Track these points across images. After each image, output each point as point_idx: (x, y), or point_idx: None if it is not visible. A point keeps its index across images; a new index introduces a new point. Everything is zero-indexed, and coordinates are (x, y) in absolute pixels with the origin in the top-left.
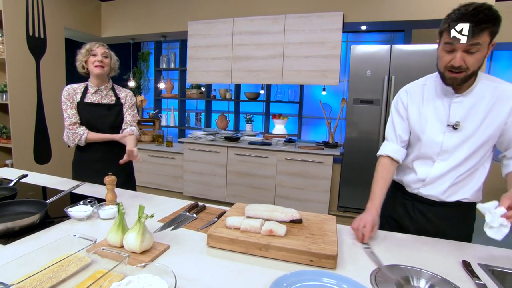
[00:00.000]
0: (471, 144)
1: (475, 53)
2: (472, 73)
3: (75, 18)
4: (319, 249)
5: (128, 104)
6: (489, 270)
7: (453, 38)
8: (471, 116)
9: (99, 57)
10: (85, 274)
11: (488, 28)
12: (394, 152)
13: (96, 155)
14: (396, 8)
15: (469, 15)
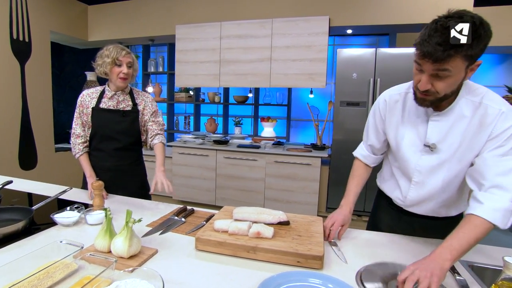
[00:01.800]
0: (447, 169)
1: (445, 78)
2: (445, 96)
3: (61, 22)
4: (305, 250)
5: (149, 112)
6: (469, 266)
7: (419, 59)
8: (449, 138)
9: (124, 69)
10: (72, 281)
11: (460, 53)
12: (364, 158)
13: (108, 163)
14: (381, 12)
15: (438, 36)
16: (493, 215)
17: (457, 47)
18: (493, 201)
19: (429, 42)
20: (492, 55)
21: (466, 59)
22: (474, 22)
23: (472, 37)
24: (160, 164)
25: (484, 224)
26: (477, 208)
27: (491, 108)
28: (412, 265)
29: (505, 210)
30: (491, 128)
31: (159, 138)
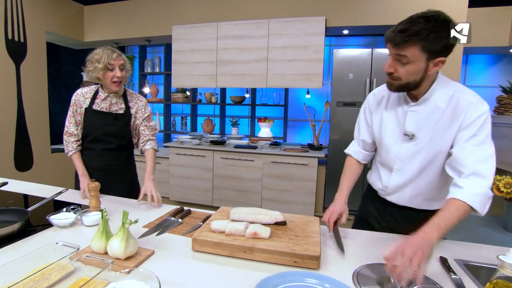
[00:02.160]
0: (423, 156)
1: (406, 65)
2: (408, 84)
3: (57, 22)
4: (302, 250)
5: (142, 116)
6: (464, 265)
7: (385, 43)
8: (425, 127)
9: (118, 73)
10: (68, 282)
11: (413, 42)
12: (355, 154)
13: (98, 163)
14: (377, 13)
15: (400, 24)
16: (472, 199)
17: (413, 35)
18: (472, 186)
19: (394, 29)
20: (486, 55)
21: (423, 50)
22: (435, 19)
23: (429, 31)
24: (150, 173)
25: (464, 207)
26: (458, 192)
27: (462, 99)
28: (400, 243)
29: (483, 195)
30: (462, 118)
31: (151, 144)
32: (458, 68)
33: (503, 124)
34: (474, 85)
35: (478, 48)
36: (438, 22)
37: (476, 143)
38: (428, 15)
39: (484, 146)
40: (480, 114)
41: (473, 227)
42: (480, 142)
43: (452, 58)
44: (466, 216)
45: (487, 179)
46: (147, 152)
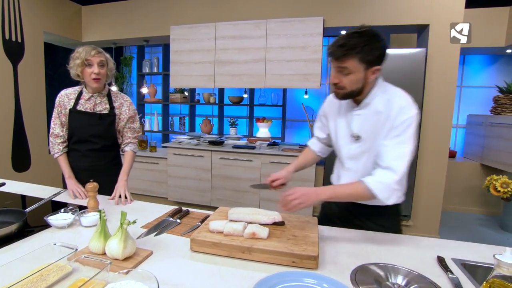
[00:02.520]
0: (369, 155)
1: (348, 75)
2: (352, 91)
3: (55, 22)
4: (300, 250)
5: (126, 117)
6: (461, 264)
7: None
8: (368, 129)
9: (95, 69)
10: (66, 283)
11: (354, 56)
12: (312, 145)
13: (83, 163)
14: (374, 13)
15: (340, 40)
16: (375, 186)
17: (351, 49)
18: (381, 176)
19: (334, 44)
20: (483, 56)
21: (361, 61)
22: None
23: (364, 44)
24: (124, 173)
25: (366, 190)
26: (368, 178)
27: (395, 103)
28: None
29: (387, 186)
30: (392, 120)
31: (131, 147)
32: (455, 68)
33: (500, 124)
34: (471, 85)
35: (475, 48)
36: (369, 36)
37: (397, 142)
38: (361, 31)
39: (403, 145)
40: (406, 118)
41: (471, 227)
42: (400, 142)
43: (450, 58)
44: (362, 196)
45: (397, 174)
46: (126, 153)
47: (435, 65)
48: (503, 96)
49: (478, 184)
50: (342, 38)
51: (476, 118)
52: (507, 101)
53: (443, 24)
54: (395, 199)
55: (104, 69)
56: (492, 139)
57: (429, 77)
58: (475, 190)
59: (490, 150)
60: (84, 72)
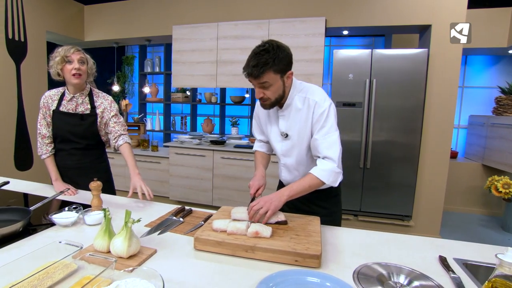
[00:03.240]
0: (298, 150)
1: (269, 87)
2: (277, 99)
3: (57, 22)
4: (303, 249)
5: (108, 115)
6: (463, 264)
7: (247, 77)
8: (293, 127)
9: (75, 65)
10: (71, 281)
11: (268, 69)
12: (259, 147)
13: (69, 162)
14: (376, 13)
15: (251, 59)
16: (320, 174)
17: (264, 65)
18: (323, 165)
19: (248, 65)
20: (485, 56)
21: (276, 72)
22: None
23: (273, 58)
24: (134, 167)
25: (315, 179)
26: (314, 169)
27: (311, 100)
28: (260, 199)
29: (330, 171)
30: (311, 114)
31: (124, 139)
32: (457, 69)
33: (502, 124)
34: (473, 86)
35: (477, 49)
36: (274, 49)
37: (323, 133)
38: (266, 47)
39: (330, 135)
40: (322, 110)
41: (472, 227)
42: (326, 132)
43: (452, 59)
44: (316, 185)
45: (334, 160)
46: (122, 147)
47: (437, 66)
48: (505, 97)
49: (480, 184)
50: (253, 59)
51: (477, 118)
52: (509, 101)
53: (445, 24)
54: (339, 180)
55: (84, 66)
56: (494, 139)
57: (431, 78)
58: (477, 191)
59: (492, 150)
60: (64, 69)
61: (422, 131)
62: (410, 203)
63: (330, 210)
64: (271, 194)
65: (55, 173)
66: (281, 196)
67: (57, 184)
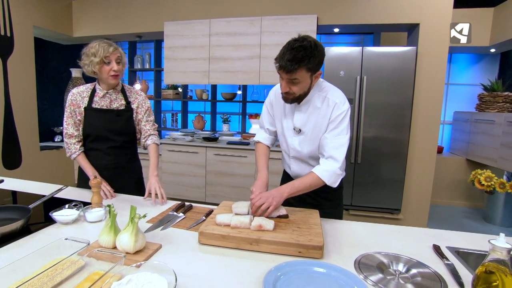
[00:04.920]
0: (310, 144)
1: (297, 84)
2: (300, 95)
3: (45, 16)
4: (306, 240)
5: (143, 110)
6: (455, 251)
7: (278, 70)
8: (308, 123)
9: (114, 66)
10: (80, 277)
11: (303, 66)
12: (264, 139)
13: (104, 161)
14: (367, 12)
15: (288, 54)
16: (323, 174)
17: (299, 62)
18: (326, 165)
19: (283, 58)
20: (468, 54)
21: (308, 71)
22: (310, 45)
23: (309, 56)
24: (154, 168)
25: (315, 178)
26: (316, 168)
27: (331, 100)
28: (261, 193)
29: (332, 172)
30: (329, 115)
31: (153, 139)
32: (444, 66)
33: (484, 120)
34: (457, 83)
35: (461, 47)
36: (312, 47)
37: (335, 134)
38: (304, 44)
39: (340, 137)
40: (340, 112)
41: (457, 219)
42: (338, 133)
43: (439, 57)
44: (316, 184)
45: (338, 161)
46: (150, 147)
47: (425, 63)
48: (487, 94)
49: (464, 178)
50: (289, 53)
51: (462, 114)
52: (490, 98)
53: (433, 23)
54: (338, 182)
55: (120, 65)
56: (477, 135)
57: (419, 75)
58: (461, 184)
59: (475, 145)
60: (102, 69)
61: (410, 127)
62: (399, 197)
63: (335, 202)
64: (272, 190)
65: (92, 169)
66: (282, 193)
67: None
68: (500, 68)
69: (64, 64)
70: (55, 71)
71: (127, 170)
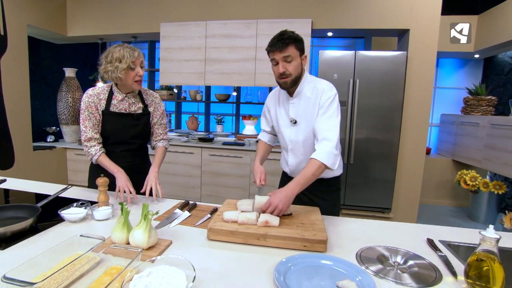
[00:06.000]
0: (304, 135)
1: (291, 62)
2: (296, 77)
3: (39, 15)
4: (311, 235)
5: (158, 113)
6: (447, 244)
7: (272, 54)
8: (302, 114)
9: (140, 71)
10: (98, 271)
11: (292, 43)
12: (263, 137)
13: (120, 163)
14: (359, 17)
15: (277, 36)
16: (322, 156)
17: (289, 38)
18: (322, 147)
19: (274, 42)
20: (454, 59)
21: (297, 49)
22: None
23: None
24: (156, 165)
25: (318, 163)
26: (314, 154)
27: (319, 88)
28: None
29: (329, 153)
30: (319, 100)
31: (163, 143)
32: (432, 70)
33: (469, 123)
34: (444, 87)
35: (447, 52)
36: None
37: (326, 117)
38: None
39: (331, 119)
40: (328, 96)
41: (443, 218)
42: (328, 117)
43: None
44: (320, 171)
45: (332, 141)
46: (159, 148)
47: (414, 68)
48: (472, 98)
49: (450, 178)
50: (278, 36)
51: (448, 117)
52: (475, 102)
53: (422, 29)
54: (337, 165)
55: (143, 70)
56: (463, 137)
57: (409, 79)
58: (447, 184)
59: (461, 147)
60: (128, 75)
61: (401, 129)
62: (390, 196)
63: (331, 203)
64: (280, 193)
65: (114, 165)
66: (292, 192)
67: (120, 176)
68: (483, 73)
69: (57, 64)
70: (47, 70)
71: (139, 171)
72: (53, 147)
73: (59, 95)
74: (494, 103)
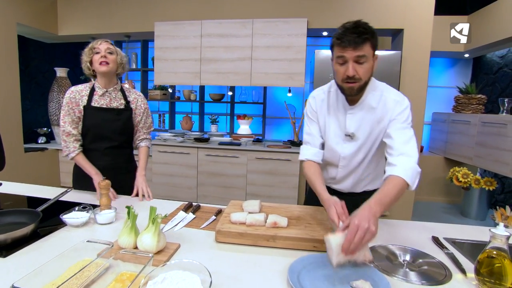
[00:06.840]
0: (364, 151)
1: (363, 64)
2: (365, 83)
3: (29, 13)
4: (320, 235)
5: (141, 111)
6: (452, 242)
7: (342, 51)
8: (363, 127)
9: (102, 53)
10: (108, 277)
11: (369, 40)
12: (313, 155)
13: (102, 162)
14: (354, 16)
15: (351, 27)
16: (405, 173)
17: (365, 34)
18: (403, 163)
19: (347, 35)
20: (445, 59)
21: (372, 47)
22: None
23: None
24: (142, 168)
25: (400, 182)
26: (393, 170)
27: (389, 98)
28: (354, 218)
29: (412, 169)
30: (391, 112)
31: (146, 142)
32: (426, 70)
33: (460, 121)
34: (436, 86)
35: (439, 52)
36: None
37: (400, 128)
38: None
39: (405, 131)
40: (403, 108)
41: (436, 215)
42: (403, 127)
43: (421, 61)
44: (402, 190)
45: (413, 157)
46: (141, 149)
47: (409, 67)
48: (462, 96)
49: (442, 175)
50: (352, 29)
51: (440, 115)
52: (465, 100)
53: (415, 28)
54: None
55: (112, 56)
56: (454, 134)
57: (404, 78)
58: (439, 181)
59: (452, 144)
60: (93, 60)
61: None
62: None
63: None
64: (363, 212)
65: (93, 167)
66: (375, 213)
67: (98, 180)
68: (472, 72)
69: (47, 63)
70: (37, 70)
71: (124, 171)
72: (45, 149)
73: (51, 96)
74: (484, 101)
